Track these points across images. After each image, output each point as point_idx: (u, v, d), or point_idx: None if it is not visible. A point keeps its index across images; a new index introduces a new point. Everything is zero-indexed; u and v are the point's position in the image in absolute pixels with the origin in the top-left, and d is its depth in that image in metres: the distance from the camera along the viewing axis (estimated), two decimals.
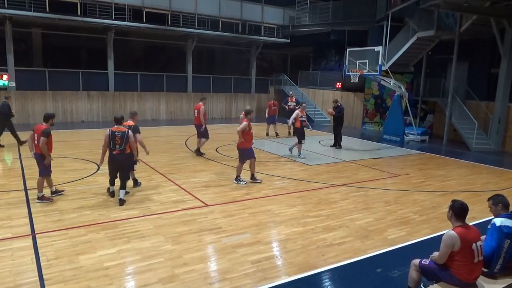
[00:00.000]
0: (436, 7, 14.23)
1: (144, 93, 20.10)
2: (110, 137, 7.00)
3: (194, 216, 6.71)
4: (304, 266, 5.07)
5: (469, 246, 3.73)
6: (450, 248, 3.75)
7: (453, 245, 3.73)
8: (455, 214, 3.89)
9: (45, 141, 6.88)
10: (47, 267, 4.74)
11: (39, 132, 6.91)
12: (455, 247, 3.72)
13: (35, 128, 7.09)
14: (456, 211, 3.89)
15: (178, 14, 19.16)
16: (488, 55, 16.55)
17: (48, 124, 7.13)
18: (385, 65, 16.79)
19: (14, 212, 6.52)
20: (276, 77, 25.74)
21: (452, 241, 3.73)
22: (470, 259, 3.74)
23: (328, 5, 21.78)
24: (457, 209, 3.89)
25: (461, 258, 3.74)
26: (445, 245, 3.77)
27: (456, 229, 3.80)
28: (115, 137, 6.97)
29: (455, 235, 3.74)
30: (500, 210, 4.19)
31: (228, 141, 14.17)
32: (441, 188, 9.26)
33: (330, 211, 7.28)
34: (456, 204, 3.91)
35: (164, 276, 4.65)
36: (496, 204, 4.22)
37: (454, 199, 4.04)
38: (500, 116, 14.82)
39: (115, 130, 7.02)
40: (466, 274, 3.77)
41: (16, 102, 16.96)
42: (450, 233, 3.78)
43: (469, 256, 3.73)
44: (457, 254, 3.74)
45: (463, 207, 3.89)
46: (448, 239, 3.76)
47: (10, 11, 15.42)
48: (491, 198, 4.31)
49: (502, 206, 4.19)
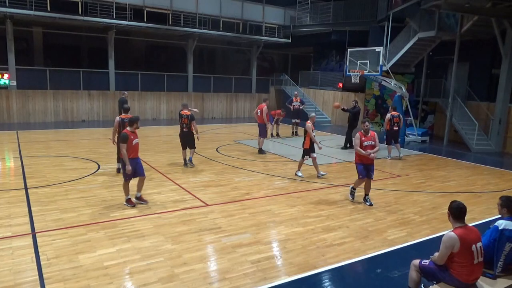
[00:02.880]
0: (437, 7, 14.22)
1: (144, 92, 20.11)
2: (120, 123, 8.18)
3: (194, 215, 6.71)
4: (304, 266, 5.07)
5: (469, 247, 3.72)
6: (449, 249, 3.74)
7: (452, 246, 3.72)
8: (453, 215, 3.91)
9: (124, 146, 6.72)
10: (47, 266, 4.74)
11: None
12: (455, 248, 3.72)
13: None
14: (453, 212, 3.91)
15: (179, 14, 19.18)
16: (489, 56, 16.53)
17: (133, 129, 6.91)
18: (386, 66, 16.78)
19: (14, 211, 6.53)
20: (277, 77, 25.74)
21: (452, 242, 3.72)
22: (470, 260, 3.73)
23: (329, 5, 21.78)
24: (454, 210, 3.90)
25: (461, 259, 3.73)
26: (445, 247, 3.77)
27: (456, 231, 3.80)
28: (125, 123, 7.71)
29: (455, 236, 3.73)
30: (505, 213, 4.20)
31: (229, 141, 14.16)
32: (442, 189, 9.25)
33: (330, 211, 7.27)
34: (454, 205, 3.93)
35: (163, 276, 4.65)
36: (502, 206, 4.21)
37: (453, 200, 4.04)
38: (500, 117, 14.80)
39: (124, 118, 8.12)
40: (465, 275, 3.76)
41: (16, 101, 17.00)
42: (449, 234, 3.78)
43: (468, 258, 3.73)
44: (456, 255, 3.74)
45: (459, 208, 3.89)
46: (447, 240, 3.75)
47: (11, 10, 15.44)
48: (502, 198, 4.26)
49: (507, 210, 4.18)
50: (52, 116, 17.85)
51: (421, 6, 14.81)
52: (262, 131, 12.28)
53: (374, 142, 7.58)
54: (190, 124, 9.88)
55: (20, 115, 17.13)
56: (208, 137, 15.26)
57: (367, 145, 7.52)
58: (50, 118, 17.79)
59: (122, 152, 6.74)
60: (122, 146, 6.72)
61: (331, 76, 23.51)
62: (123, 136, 6.78)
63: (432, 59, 18.56)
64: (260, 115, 12.25)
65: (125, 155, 6.73)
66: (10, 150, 11.60)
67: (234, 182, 8.93)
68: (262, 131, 12.28)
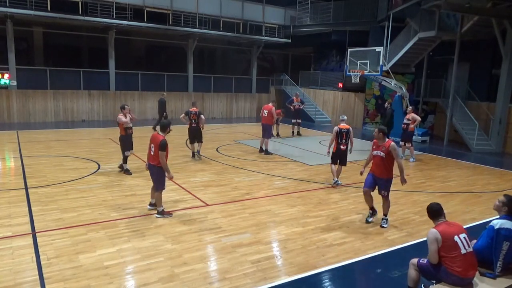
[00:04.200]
0: (438, 7, 14.23)
1: (145, 92, 20.11)
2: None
3: (194, 215, 6.71)
4: (304, 266, 5.07)
5: (451, 238, 3.88)
6: (434, 244, 3.91)
7: (435, 239, 3.90)
8: (430, 215, 4.20)
9: (163, 155, 6.33)
10: (47, 266, 4.74)
11: (157, 143, 6.34)
12: (438, 242, 3.89)
13: (151, 137, 6.57)
14: (430, 213, 4.21)
15: (179, 14, 19.17)
16: (489, 56, 16.53)
17: (165, 134, 6.56)
18: (386, 66, 16.79)
19: (15, 211, 6.53)
20: (277, 77, 25.74)
21: (433, 236, 3.91)
22: (455, 251, 3.84)
23: (329, 5, 21.77)
24: (428, 211, 4.22)
25: (447, 252, 3.87)
26: (430, 243, 3.95)
27: (436, 227, 4.03)
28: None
29: (434, 230, 3.95)
30: (503, 212, 4.19)
31: (229, 141, 14.15)
32: (442, 189, 9.25)
33: (330, 211, 7.28)
34: (428, 208, 4.24)
35: (164, 276, 4.65)
36: (504, 205, 4.20)
37: (429, 203, 4.29)
38: (501, 117, 14.80)
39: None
40: (458, 267, 3.82)
41: (17, 101, 17.01)
42: (430, 231, 4.00)
43: (454, 248, 3.85)
44: (442, 249, 3.90)
45: (432, 208, 4.18)
46: (429, 236, 3.96)
47: (11, 9, 15.44)
48: (506, 197, 4.23)
49: (508, 209, 4.18)
50: (52, 116, 17.85)
51: (422, 6, 14.83)
52: (267, 132, 12.18)
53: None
54: (198, 120, 10.79)
55: (20, 115, 17.14)
56: (208, 137, 15.26)
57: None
58: (50, 118, 17.79)
59: (163, 161, 6.32)
60: (163, 155, 6.31)
61: (331, 76, 23.50)
62: (163, 144, 6.29)
63: (432, 59, 18.55)
64: (267, 115, 12.18)
65: (165, 163, 6.36)
66: (11, 150, 11.60)
67: (234, 182, 8.93)
68: (266, 131, 12.18)
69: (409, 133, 12.26)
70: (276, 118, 15.99)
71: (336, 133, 8.68)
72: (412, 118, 12.16)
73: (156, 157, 6.40)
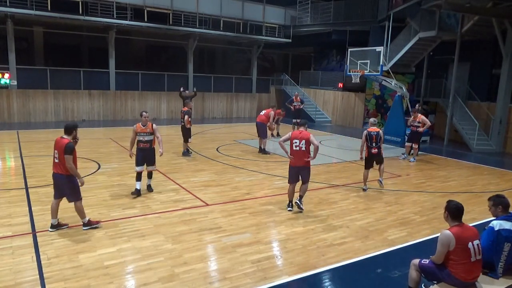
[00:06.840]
0: (438, 7, 14.22)
1: (145, 92, 20.11)
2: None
3: (194, 215, 6.71)
4: (304, 266, 5.07)
5: (465, 244, 3.75)
6: (446, 247, 3.78)
7: (448, 244, 3.76)
8: (451, 214, 3.93)
9: (70, 158, 5.56)
10: (47, 266, 4.74)
11: (61, 147, 5.59)
12: (451, 246, 3.75)
13: (55, 142, 5.84)
14: (451, 212, 3.93)
15: (179, 14, 19.17)
16: (490, 55, 16.53)
17: (71, 137, 5.87)
18: (386, 66, 16.76)
19: (15, 211, 6.53)
20: (277, 77, 25.73)
21: (447, 239, 3.76)
22: (466, 258, 3.75)
23: (329, 5, 21.77)
24: (452, 210, 3.92)
25: (457, 257, 3.76)
26: (441, 244, 3.81)
27: (452, 229, 3.84)
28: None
29: (450, 234, 3.77)
30: (500, 212, 4.18)
31: (229, 141, 14.15)
32: (442, 189, 9.24)
33: (330, 211, 7.27)
34: (451, 205, 3.94)
35: (164, 275, 4.65)
36: (496, 205, 4.21)
37: (449, 200, 4.07)
38: (501, 117, 14.79)
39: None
40: (463, 273, 3.77)
41: (17, 101, 17.01)
42: (445, 232, 3.82)
43: (465, 255, 3.75)
44: (453, 253, 3.77)
45: (458, 208, 3.92)
46: (443, 238, 3.80)
47: (12, 9, 15.44)
48: (492, 198, 4.29)
49: (502, 208, 4.18)
50: (52, 115, 17.85)
51: (422, 6, 14.81)
52: (261, 131, 12.22)
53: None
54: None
55: (20, 115, 17.14)
56: (208, 137, 15.27)
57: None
58: (50, 117, 17.79)
59: (70, 166, 5.59)
60: (69, 159, 5.57)
61: (331, 76, 23.51)
62: (69, 146, 5.62)
63: (432, 59, 18.54)
64: (263, 115, 12.24)
65: (73, 168, 5.66)
66: (11, 149, 11.60)
67: (235, 182, 8.93)
68: (260, 130, 12.21)
69: (418, 134, 12.26)
70: (277, 118, 16.01)
71: (365, 136, 8.50)
72: (422, 121, 12.10)
73: (62, 164, 5.57)
